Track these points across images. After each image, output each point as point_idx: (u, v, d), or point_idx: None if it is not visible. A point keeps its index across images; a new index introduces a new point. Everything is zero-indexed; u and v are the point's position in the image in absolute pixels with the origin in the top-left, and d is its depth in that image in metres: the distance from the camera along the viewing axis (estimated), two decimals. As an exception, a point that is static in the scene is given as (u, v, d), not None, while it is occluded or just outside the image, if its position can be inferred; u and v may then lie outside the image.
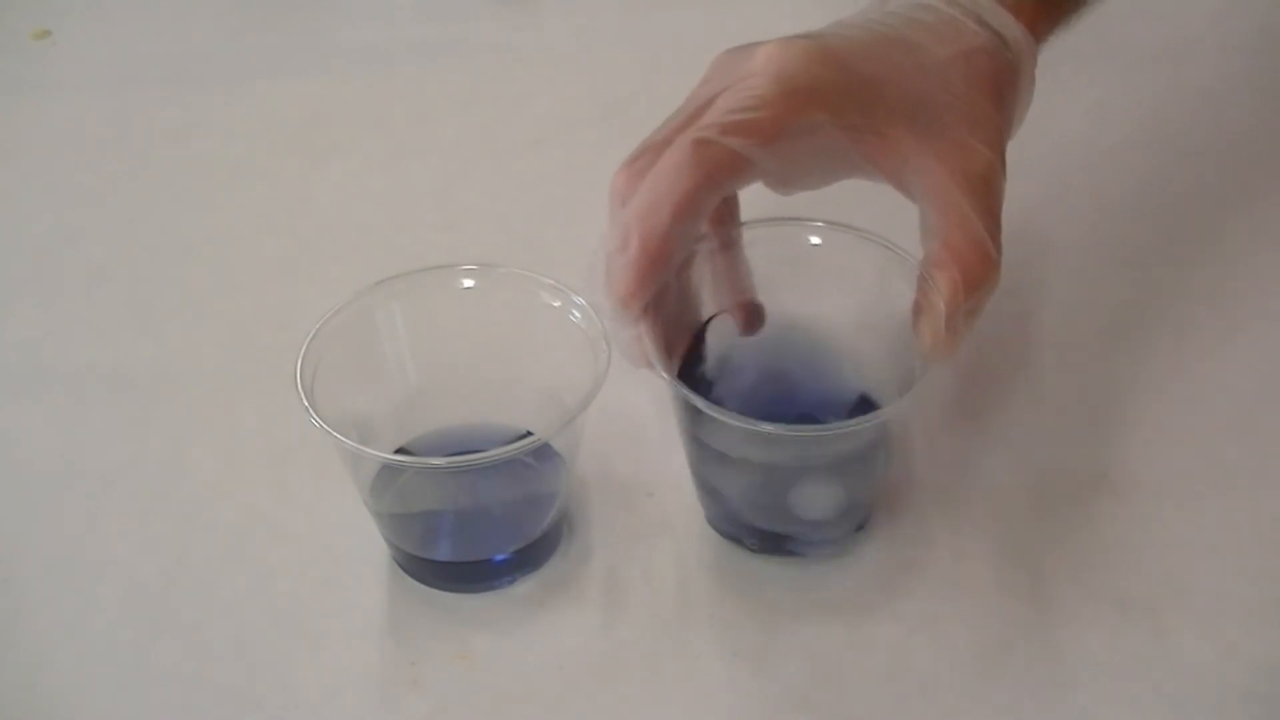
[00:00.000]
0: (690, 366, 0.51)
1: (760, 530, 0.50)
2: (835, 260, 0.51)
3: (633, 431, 0.55)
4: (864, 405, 0.51)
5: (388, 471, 0.50)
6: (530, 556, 0.51)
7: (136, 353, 0.61)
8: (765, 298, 0.52)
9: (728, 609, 0.50)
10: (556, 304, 0.51)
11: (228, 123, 0.76)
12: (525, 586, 0.51)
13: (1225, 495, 0.53)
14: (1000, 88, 0.49)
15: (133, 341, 0.62)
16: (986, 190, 0.48)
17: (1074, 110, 0.73)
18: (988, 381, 0.57)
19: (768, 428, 0.45)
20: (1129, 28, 0.79)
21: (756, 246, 0.51)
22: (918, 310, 0.48)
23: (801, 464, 0.49)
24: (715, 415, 0.45)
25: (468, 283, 0.52)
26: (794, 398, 0.53)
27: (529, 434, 0.48)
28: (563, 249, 0.66)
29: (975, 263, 0.47)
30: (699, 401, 0.46)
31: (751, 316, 0.52)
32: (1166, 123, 0.73)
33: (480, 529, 0.51)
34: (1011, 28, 0.50)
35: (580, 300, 0.50)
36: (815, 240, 0.51)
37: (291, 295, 0.64)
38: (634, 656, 0.48)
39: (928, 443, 0.54)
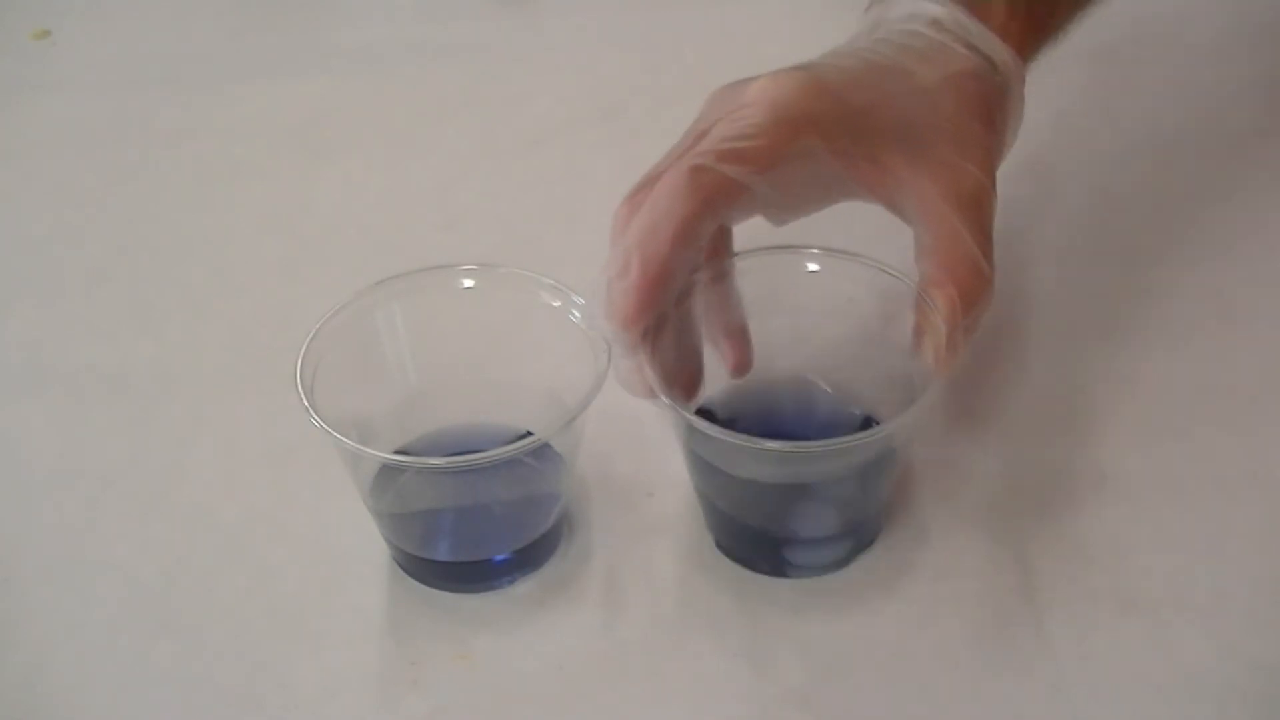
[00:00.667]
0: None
1: (768, 551, 0.50)
2: (832, 286, 0.51)
3: (633, 431, 0.55)
4: (867, 427, 0.51)
5: (388, 471, 0.50)
6: (530, 556, 0.51)
7: (136, 353, 0.61)
8: (763, 325, 0.52)
9: (728, 609, 0.50)
10: (556, 304, 0.51)
11: (228, 123, 0.76)
12: (525, 586, 0.51)
13: (1225, 495, 0.53)
14: (990, 109, 0.50)
15: (133, 341, 0.62)
16: (978, 209, 0.48)
17: (1075, 108, 0.73)
18: (987, 383, 0.57)
19: (772, 445, 0.45)
20: (1130, 26, 0.79)
21: (752, 275, 0.51)
22: (919, 331, 0.48)
23: (806, 482, 0.49)
24: (719, 436, 0.45)
25: (468, 283, 0.52)
26: (796, 426, 0.53)
27: (529, 434, 0.48)
28: (563, 249, 0.66)
29: (969, 279, 0.47)
30: (702, 424, 0.46)
31: (741, 356, 0.52)
32: (1166, 122, 0.73)
33: (480, 529, 0.51)
34: (999, 51, 0.51)
35: (580, 299, 0.50)
36: (813, 267, 0.52)
37: (291, 295, 0.64)
38: (634, 656, 0.48)
39: (927, 444, 0.54)
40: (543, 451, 0.49)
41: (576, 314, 0.50)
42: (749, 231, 0.51)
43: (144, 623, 0.50)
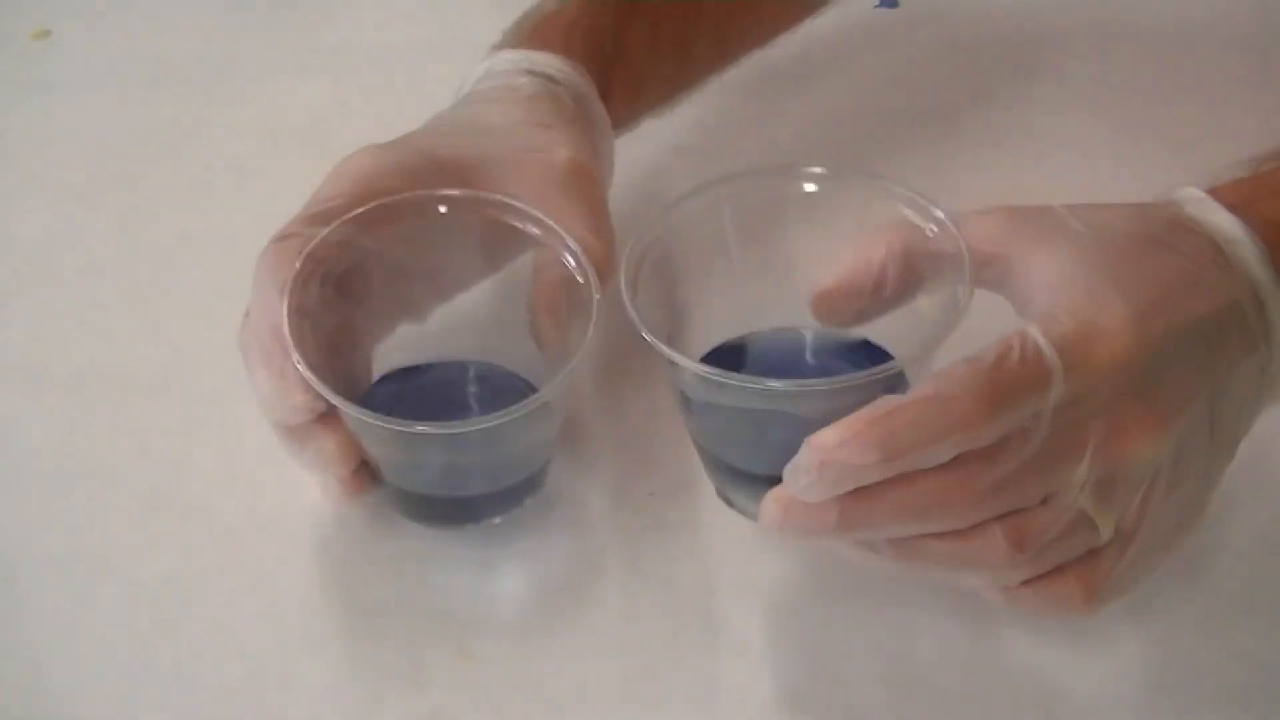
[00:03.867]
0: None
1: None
2: (834, 207, 0.50)
3: (634, 431, 0.55)
4: (867, 348, 0.50)
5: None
6: (514, 496, 0.51)
7: (136, 353, 0.61)
8: (757, 257, 0.51)
9: (728, 608, 0.50)
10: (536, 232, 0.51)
11: (228, 123, 0.76)
12: (525, 587, 0.50)
13: (1225, 495, 0.53)
14: (561, 109, 0.54)
15: (133, 341, 0.62)
16: (576, 181, 0.51)
17: (1075, 108, 0.73)
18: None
19: (775, 385, 0.43)
20: (1129, 25, 0.79)
21: (741, 199, 0.50)
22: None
23: (805, 415, 0.45)
24: (729, 381, 0.44)
25: (442, 209, 0.51)
26: (803, 366, 0.51)
27: (511, 373, 0.48)
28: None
29: (593, 243, 0.50)
30: (711, 370, 0.44)
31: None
32: (1165, 121, 0.72)
33: (465, 472, 0.51)
34: (554, 64, 0.56)
35: (575, 246, 0.50)
36: (810, 188, 0.50)
37: (291, 295, 0.64)
38: (634, 656, 0.48)
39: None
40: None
41: (570, 260, 0.50)
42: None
43: (144, 623, 0.50)
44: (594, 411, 0.47)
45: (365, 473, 0.50)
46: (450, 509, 0.51)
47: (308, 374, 0.46)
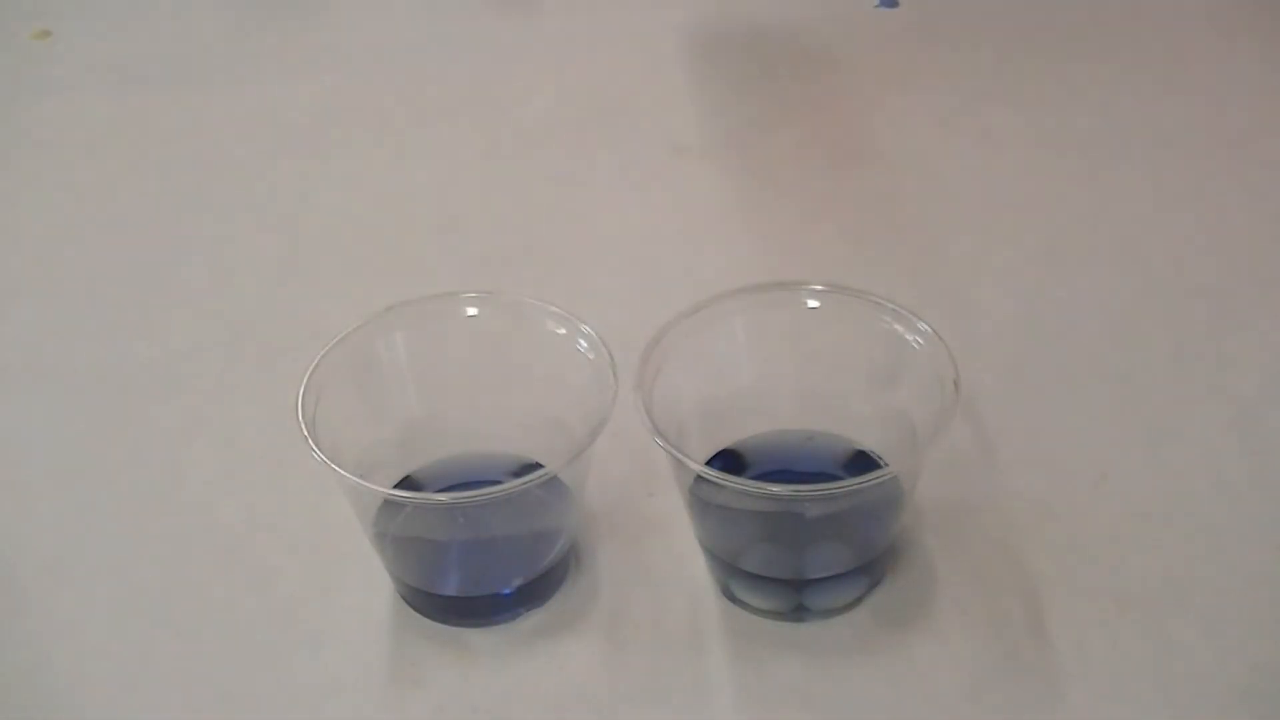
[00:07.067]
0: None
1: (779, 593, 0.50)
2: (833, 323, 0.51)
3: (634, 435, 0.55)
4: (860, 459, 0.51)
5: (391, 505, 0.49)
6: (538, 590, 0.50)
7: (136, 353, 0.61)
8: (763, 368, 0.52)
9: (729, 609, 0.50)
10: (562, 331, 0.50)
11: (228, 123, 0.76)
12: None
13: (1225, 495, 0.53)
14: None
15: (133, 341, 0.62)
16: None
17: (1075, 109, 0.73)
18: (986, 381, 0.57)
19: (776, 489, 0.45)
20: (1129, 26, 0.79)
21: (749, 314, 0.51)
22: None
23: (806, 519, 0.48)
24: (725, 483, 0.45)
25: (471, 310, 0.51)
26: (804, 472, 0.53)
27: (537, 464, 0.47)
28: (563, 249, 0.66)
29: None
30: (710, 472, 0.45)
31: None
32: (1166, 121, 0.73)
33: (486, 562, 0.51)
34: None
35: (587, 329, 0.49)
36: (813, 304, 0.51)
37: (291, 295, 0.64)
38: (634, 655, 0.48)
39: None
40: (550, 483, 0.48)
41: (583, 343, 0.49)
42: (742, 269, 0.50)
43: (144, 623, 0.50)
44: (600, 441, 0.47)
45: None
46: (474, 607, 0.50)
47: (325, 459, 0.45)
